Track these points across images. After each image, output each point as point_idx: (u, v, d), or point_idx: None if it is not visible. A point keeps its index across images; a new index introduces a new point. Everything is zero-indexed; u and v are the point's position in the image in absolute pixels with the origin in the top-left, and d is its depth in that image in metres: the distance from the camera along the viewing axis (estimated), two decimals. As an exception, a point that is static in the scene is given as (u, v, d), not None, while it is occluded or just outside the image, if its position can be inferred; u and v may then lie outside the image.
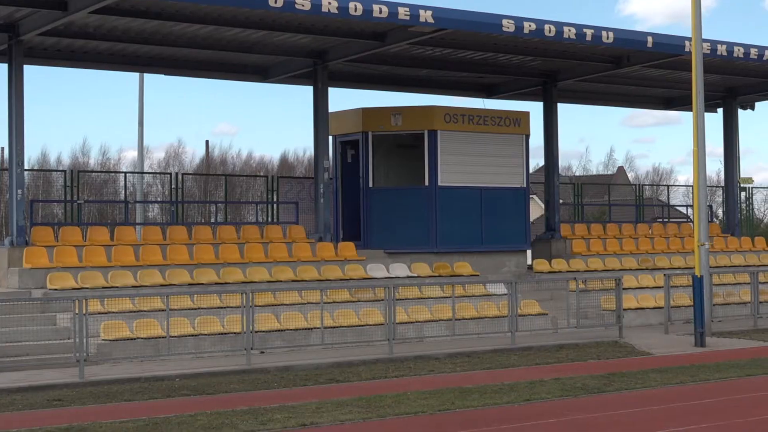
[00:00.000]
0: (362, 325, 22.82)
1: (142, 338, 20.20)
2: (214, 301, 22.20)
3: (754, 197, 44.78)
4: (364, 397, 15.71)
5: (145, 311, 21.08)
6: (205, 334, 20.99)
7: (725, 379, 17.85)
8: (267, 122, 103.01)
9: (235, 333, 20.82)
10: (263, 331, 21.43)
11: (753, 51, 29.29)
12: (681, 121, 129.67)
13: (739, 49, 28.97)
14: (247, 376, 18.47)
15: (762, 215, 65.92)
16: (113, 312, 20.87)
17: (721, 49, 28.56)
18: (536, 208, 41.47)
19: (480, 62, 29.58)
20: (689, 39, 25.03)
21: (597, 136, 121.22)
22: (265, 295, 22.74)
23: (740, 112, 37.08)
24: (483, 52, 28.40)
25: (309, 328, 22.16)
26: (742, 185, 39.13)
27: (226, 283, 23.83)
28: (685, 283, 27.59)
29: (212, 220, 42.47)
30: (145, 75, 37.20)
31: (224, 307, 21.90)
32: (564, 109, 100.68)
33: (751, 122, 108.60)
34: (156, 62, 27.23)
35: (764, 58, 29.64)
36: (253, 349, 20.14)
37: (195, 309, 21.74)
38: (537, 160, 73.83)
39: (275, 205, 30.57)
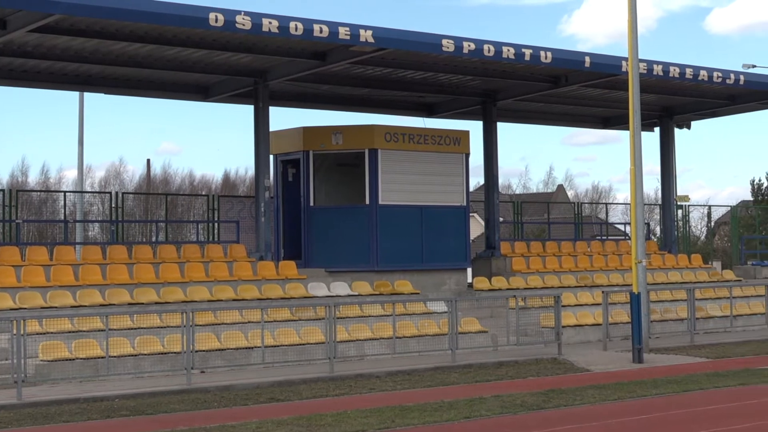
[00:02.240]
0: (303, 344, 22.83)
1: (81, 359, 20.07)
2: (154, 320, 22.11)
3: (690, 215, 45.34)
4: (304, 416, 15.74)
5: (84, 331, 20.95)
6: (145, 354, 20.90)
7: (662, 395, 18.05)
8: (209, 141, 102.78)
9: (175, 352, 20.75)
10: (204, 351, 21.38)
11: (688, 71, 29.69)
12: (620, 139, 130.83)
13: (675, 69, 29.37)
14: (187, 396, 18.40)
15: (699, 233, 66.69)
16: (52, 332, 20.73)
17: (658, 69, 28.95)
18: (476, 226, 41.70)
19: (420, 81, 29.77)
20: (626, 59, 25.34)
21: (538, 155, 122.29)
22: (205, 315, 22.69)
23: (677, 131, 37.60)
24: (423, 72, 28.59)
25: (250, 347, 22.13)
26: (678, 203, 39.65)
27: (166, 303, 23.73)
28: (623, 300, 27.88)
29: (153, 239, 42.25)
30: (86, 94, 36.96)
31: (164, 327, 21.82)
32: (506, 128, 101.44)
33: (688, 141, 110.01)
34: (96, 81, 27.09)
35: (699, 78, 30.06)
36: (193, 369, 20.08)
37: (135, 329, 21.64)
38: (477, 179, 74.21)
39: (216, 224, 30.50)
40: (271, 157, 29.05)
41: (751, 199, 66.23)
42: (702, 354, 25.07)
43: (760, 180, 65.17)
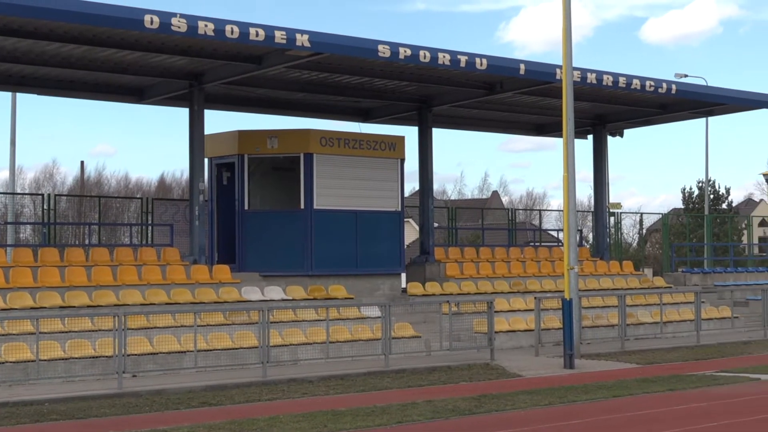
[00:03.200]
0: (236, 348, 22.76)
1: (10, 362, 19.87)
2: (85, 324, 21.95)
3: (622, 222, 45.86)
4: (236, 421, 15.70)
5: (14, 334, 20.74)
6: (76, 358, 20.72)
7: (593, 401, 18.22)
8: (145, 143, 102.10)
9: (107, 356, 20.60)
10: (136, 355, 21.24)
11: (621, 80, 30.02)
12: (555, 146, 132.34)
13: (608, 78, 29.68)
14: (118, 400, 18.27)
15: (631, 240, 67.41)
16: (-19, 335, 20.50)
17: (591, 77, 29.24)
18: (411, 232, 41.86)
19: (356, 86, 29.83)
20: (560, 67, 25.58)
21: (475, 161, 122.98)
22: (138, 318, 22.54)
23: (610, 139, 37.96)
24: (359, 77, 28.65)
25: (182, 351, 22.03)
26: (611, 210, 40.06)
27: (98, 306, 23.53)
28: (555, 306, 28.11)
29: (86, 242, 41.87)
30: (19, 94, 36.56)
31: (96, 330, 21.66)
32: (444, 134, 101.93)
33: (622, 149, 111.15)
34: (29, 82, 26.82)
35: (632, 87, 30.40)
36: (125, 373, 19.95)
37: (66, 332, 21.46)
38: (413, 184, 74.41)
39: (150, 227, 30.30)
40: (206, 160, 28.92)
41: (683, 207, 67.09)
42: (632, 360, 25.34)
43: (691, 188, 66.13)
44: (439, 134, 32.54)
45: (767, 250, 51.33)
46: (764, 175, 72.39)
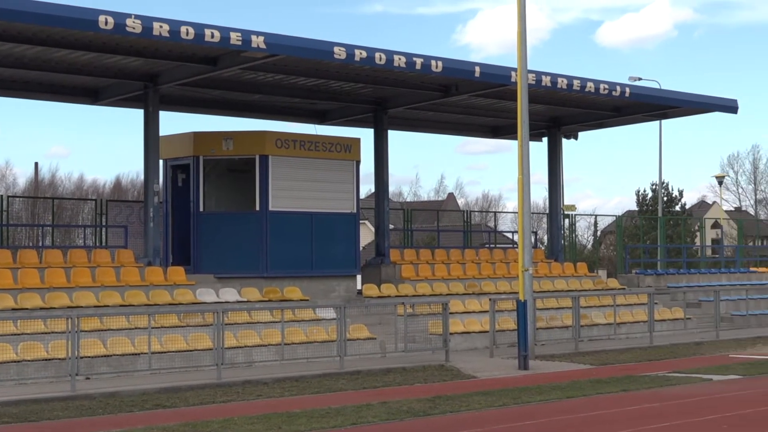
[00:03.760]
0: (191, 350, 22.69)
1: (-38, 364, 19.70)
2: (38, 326, 21.80)
3: (577, 224, 46.12)
4: (190, 423, 15.66)
5: (-34, 337, 20.56)
6: (29, 360, 20.57)
7: (547, 401, 18.31)
8: (100, 145, 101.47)
9: (60, 359, 20.46)
10: (89, 357, 21.12)
11: (576, 82, 30.20)
12: (512, 149, 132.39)
13: (563, 81, 29.84)
14: (71, 403, 18.17)
15: (585, 241, 67.84)
16: (-68, 338, 20.30)
17: (546, 80, 29.38)
18: (367, 233, 41.85)
19: (312, 88, 29.82)
20: (515, 69, 25.69)
21: (432, 163, 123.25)
22: (91, 320, 22.41)
23: (565, 141, 38.15)
24: (315, 79, 28.64)
25: (136, 354, 21.94)
26: (565, 212, 40.26)
27: (51, 308, 23.37)
28: (510, 308, 28.20)
29: (39, 244, 41.57)
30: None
31: (49, 333, 21.52)
32: (402, 136, 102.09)
33: (578, 151, 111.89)
34: (-19, 82, 26.65)
35: (587, 90, 30.58)
36: (78, 375, 19.84)
37: (18, 334, 21.32)
38: (369, 186, 74.43)
39: (104, 229, 30.13)
40: (161, 162, 28.79)
41: (637, 209, 67.57)
42: (586, 361, 25.51)
43: (645, 190, 66.57)
44: (395, 136, 32.69)
45: (720, 251, 51.78)
46: (717, 177, 73.14)
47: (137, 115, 27.70)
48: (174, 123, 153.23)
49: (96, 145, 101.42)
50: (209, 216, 29.02)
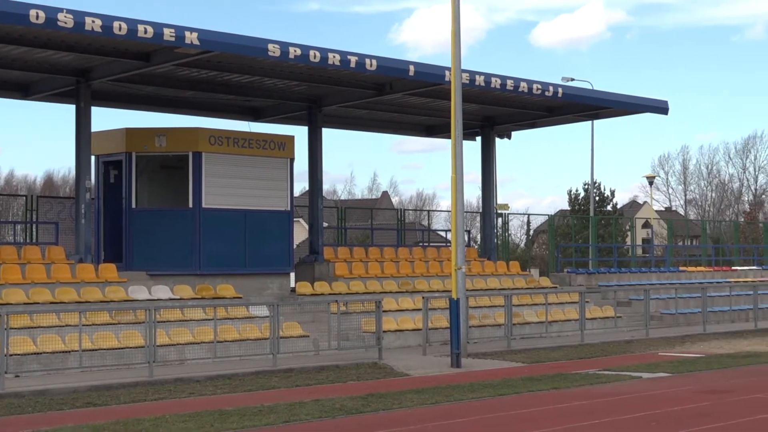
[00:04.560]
0: (122, 348, 22.54)
1: None
2: (-33, 323, 21.49)
3: (510, 223, 46.39)
4: (121, 421, 15.55)
5: None
6: (-43, 358, 20.31)
7: (478, 399, 18.41)
8: (30, 140, 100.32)
9: (-12, 356, 20.22)
10: (19, 354, 20.91)
11: (509, 82, 30.37)
12: (446, 148, 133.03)
13: (496, 80, 30.00)
14: (0, 401, 17.95)
15: (518, 240, 68.27)
16: None
17: (480, 80, 29.53)
18: (301, 231, 41.81)
19: (246, 85, 29.72)
20: (449, 68, 25.78)
21: (367, 161, 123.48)
22: (21, 318, 22.17)
23: (498, 140, 38.38)
24: (249, 76, 28.54)
25: (67, 351, 21.74)
26: (498, 211, 40.51)
27: (-20, 305, 23.10)
28: (443, 306, 28.31)
29: (-32, 240, 41.05)
30: None
31: (-22, 330, 21.22)
32: (338, 134, 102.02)
33: (511, 151, 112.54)
34: None
35: (520, 90, 30.77)
36: (7, 373, 19.62)
37: (-54, 332, 21.00)
38: (303, 184, 74.43)
39: (34, 225, 29.81)
40: (93, 158, 28.55)
41: (569, 208, 68.09)
42: (518, 359, 25.68)
43: (577, 190, 67.09)
44: (330, 134, 32.69)
45: (650, 251, 52.35)
46: (648, 177, 73.96)
47: (69, 110, 27.44)
48: (107, 119, 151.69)
49: (27, 141, 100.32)
50: (142, 213, 28.83)
